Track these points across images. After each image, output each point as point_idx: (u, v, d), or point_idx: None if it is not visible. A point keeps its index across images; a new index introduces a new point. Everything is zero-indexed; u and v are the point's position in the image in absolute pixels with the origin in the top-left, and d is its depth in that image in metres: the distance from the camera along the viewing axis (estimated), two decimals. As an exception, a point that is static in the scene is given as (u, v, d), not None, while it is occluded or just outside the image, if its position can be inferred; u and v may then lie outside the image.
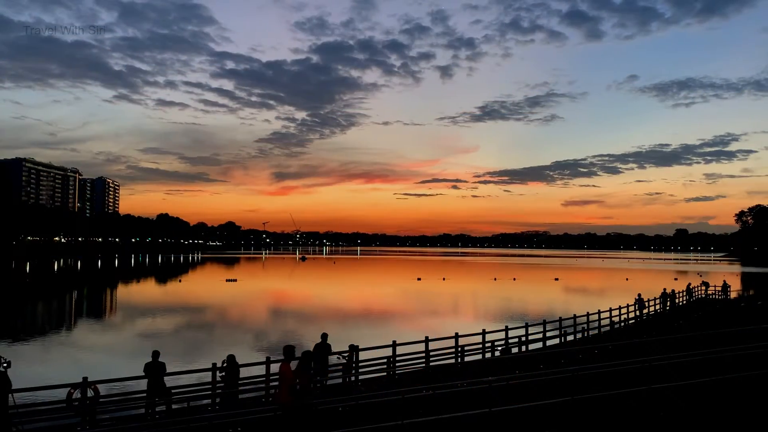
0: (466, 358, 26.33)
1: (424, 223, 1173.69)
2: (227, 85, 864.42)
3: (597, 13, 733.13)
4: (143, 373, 17.79)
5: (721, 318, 38.70)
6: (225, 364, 18.82)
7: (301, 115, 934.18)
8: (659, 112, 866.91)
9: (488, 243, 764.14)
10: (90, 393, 17.27)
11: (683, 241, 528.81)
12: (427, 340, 24.99)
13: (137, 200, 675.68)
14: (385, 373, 23.13)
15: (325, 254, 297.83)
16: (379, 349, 24.00)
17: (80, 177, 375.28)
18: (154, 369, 17.76)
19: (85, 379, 17.28)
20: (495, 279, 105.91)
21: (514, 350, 28.59)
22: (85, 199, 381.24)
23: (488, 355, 27.22)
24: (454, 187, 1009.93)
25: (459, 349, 26.12)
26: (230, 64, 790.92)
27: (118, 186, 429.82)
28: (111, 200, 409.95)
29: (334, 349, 22.12)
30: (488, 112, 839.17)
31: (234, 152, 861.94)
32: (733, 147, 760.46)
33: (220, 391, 18.80)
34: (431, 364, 24.65)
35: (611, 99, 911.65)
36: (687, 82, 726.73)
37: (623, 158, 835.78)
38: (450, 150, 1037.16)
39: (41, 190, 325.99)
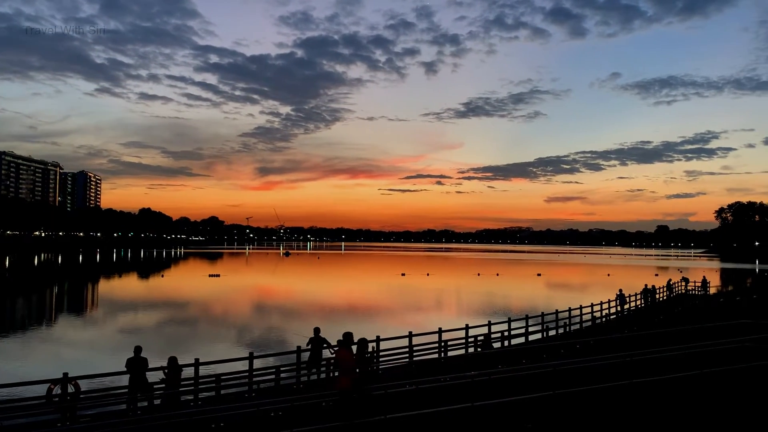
0: (450, 353, 26.44)
1: (408, 219, 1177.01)
2: (211, 79, 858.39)
3: (580, 11, 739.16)
4: (125, 369, 17.65)
5: (700, 313, 39.19)
6: (166, 369, 18.19)
7: (285, 109, 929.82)
8: (641, 109, 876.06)
9: (472, 239, 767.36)
10: (70, 389, 17.10)
11: (664, 237, 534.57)
12: (410, 335, 25.05)
13: (119, 194, 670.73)
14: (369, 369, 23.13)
15: (310, 250, 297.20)
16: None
17: (61, 171, 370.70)
18: (137, 364, 17.62)
19: (65, 374, 17.10)
20: (478, 274, 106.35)
21: (497, 345, 28.74)
22: (66, 193, 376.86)
23: (471, 350, 27.34)
24: (439, 183, 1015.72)
25: (442, 344, 26.22)
26: (214, 58, 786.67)
27: (100, 180, 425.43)
28: (92, 194, 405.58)
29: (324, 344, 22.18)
30: (472, 109, 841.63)
31: (217, 147, 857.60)
32: (713, 144, 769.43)
33: (161, 392, 18.20)
34: (415, 359, 24.72)
35: (594, 96, 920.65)
36: (668, 80, 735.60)
37: (605, 155, 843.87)
38: (434, 146, 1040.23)
39: (21, 184, 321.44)
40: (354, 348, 14.68)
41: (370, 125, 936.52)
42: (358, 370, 14.19)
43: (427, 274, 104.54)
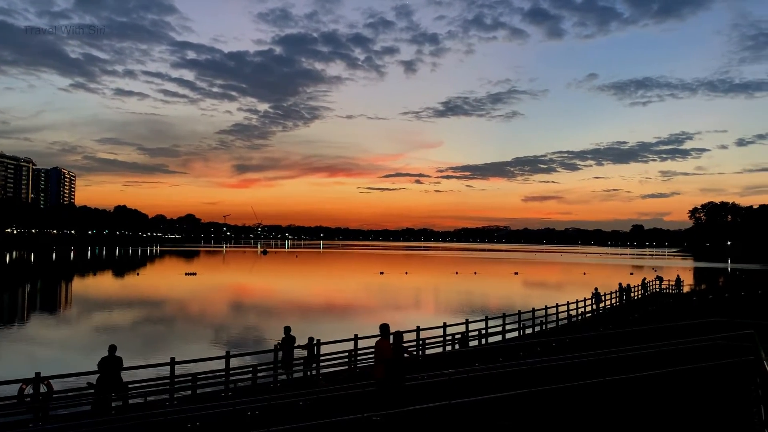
0: (428, 351, 26.52)
1: (387, 218, 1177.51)
2: (188, 75, 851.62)
3: (558, 12, 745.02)
4: (98, 368, 17.37)
5: (674, 311, 39.80)
6: (98, 372, 17.30)
7: (263, 107, 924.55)
8: (617, 110, 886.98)
9: (450, 237, 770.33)
10: (43, 389, 16.83)
11: (639, 236, 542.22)
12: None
13: (94, 192, 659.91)
14: (346, 367, 23.12)
15: (288, 248, 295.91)
16: (340, 342, 23.98)
17: (34, 167, 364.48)
18: (111, 364, 17.35)
19: (37, 374, 16.81)
20: (456, 273, 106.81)
21: (474, 343, 28.90)
22: (39, 190, 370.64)
23: (449, 348, 27.46)
24: (417, 181, 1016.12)
25: (420, 342, 26.28)
26: (191, 54, 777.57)
27: (74, 177, 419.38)
28: (66, 191, 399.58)
29: (297, 342, 22.16)
30: (451, 108, 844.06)
31: (194, 144, 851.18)
32: (687, 145, 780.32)
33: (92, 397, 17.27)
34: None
35: (571, 97, 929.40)
36: (644, 81, 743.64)
37: (582, 155, 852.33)
38: (413, 145, 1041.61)
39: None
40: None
41: (349, 123, 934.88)
42: (393, 361, 14.56)
43: (406, 273, 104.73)
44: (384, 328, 14.76)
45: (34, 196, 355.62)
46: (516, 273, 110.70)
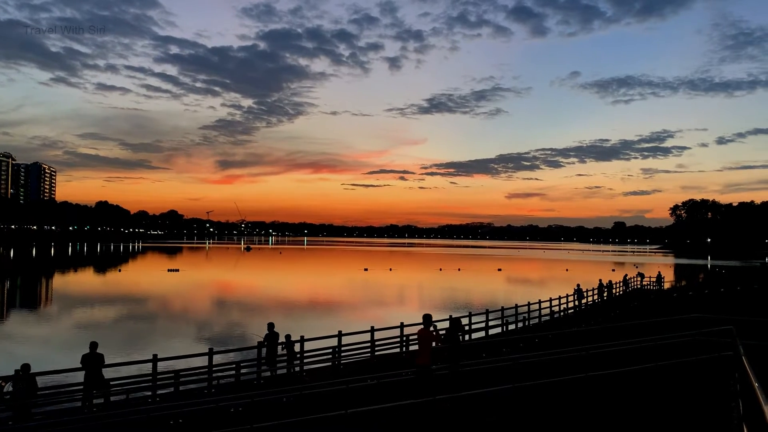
0: (411, 348, 26.58)
1: (371, 214, 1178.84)
2: (171, 70, 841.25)
3: (542, 10, 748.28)
4: (80, 365, 17.23)
5: (655, 308, 40.22)
6: (20, 373, 16.64)
7: (247, 102, 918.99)
8: (600, 108, 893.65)
9: (434, 234, 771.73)
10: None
11: (621, 233, 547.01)
12: (372, 330, 25.10)
13: (75, 187, 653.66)
14: (330, 363, 23.12)
15: (271, 244, 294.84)
16: (324, 339, 23.96)
17: (14, 162, 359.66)
18: (93, 360, 17.22)
19: (17, 371, 16.62)
20: (440, 269, 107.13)
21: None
22: (19, 185, 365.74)
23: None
24: (402, 178, 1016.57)
25: (404, 338, 26.34)
26: (174, 49, 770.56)
27: (55, 172, 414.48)
28: (47, 187, 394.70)
29: (280, 339, 22.13)
30: (435, 105, 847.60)
31: (177, 139, 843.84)
32: (668, 143, 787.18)
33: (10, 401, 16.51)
34: (376, 353, 24.79)
35: (554, 94, 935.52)
36: (626, 79, 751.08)
37: (565, 152, 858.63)
38: (398, 141, 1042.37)
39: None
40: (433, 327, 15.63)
41: (334, 119, 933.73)
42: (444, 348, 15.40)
43: (390, 269, 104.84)
44: (427, 318, 15.17)
45: (14, 192, 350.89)
46: (499, 269, 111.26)
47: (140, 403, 17.16)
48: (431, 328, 15.26)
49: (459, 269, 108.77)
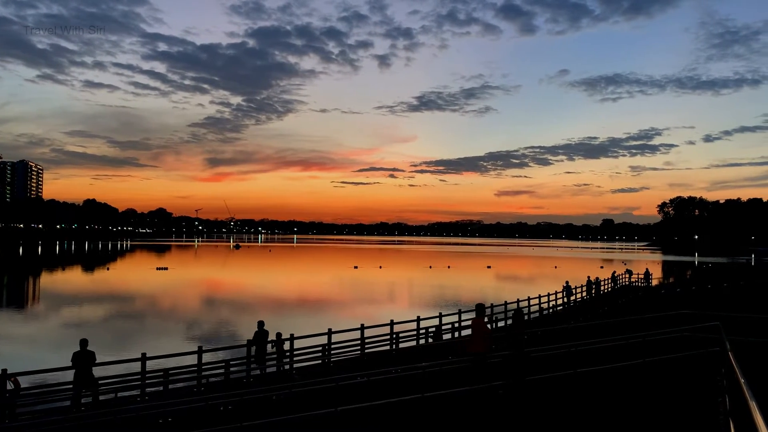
0: (401, 345, 26.62)
1: (361, 212, 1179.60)
2: (159, 67, 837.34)
3: (531, 8, 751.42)
4: (70, 364, 17.07)
5: (643, 304, 40.50)
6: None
7: (236, 100, 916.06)
8: (588, 106, 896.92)
9: (424, 232, 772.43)
10: (9, 386, 16.50)
11: (609, 230, 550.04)
12: (362, 328, 25.10)
13: (62, 185, 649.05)
14: (320, 361, 23.10)
15: (261, 242, 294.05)
16: (314, 337, 23.93)
17: (0, 160, 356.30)
18: (84, 358, 17.04)
19: (4, 371, 16.47)
20: (430, 267, 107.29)
21: (447, 336, 29.07)
22: (5, 183, 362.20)
23: (423, 341, 27.59)
24: (392, 176, 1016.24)
25: (394, 336, 26.37)
26: (163, 46, 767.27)
27: (42, 170, 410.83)
28: (34, 185, 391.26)
29: (269, 338, 22.06)
30: (425, 103, 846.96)
31: (165, 137, 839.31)
32: (656, 141, 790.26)
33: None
34: (366, 351, 24.79)
35: (543, 92, 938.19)
36: (614, 77, 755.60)
37: (553, 150, 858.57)
38: (387, 139, 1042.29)
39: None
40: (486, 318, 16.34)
41: (323, 117, 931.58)
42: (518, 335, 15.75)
43: (380, 267, 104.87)
44: (480, 307, 15.82)
45: (0, 190, 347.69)
46: (489, 267, 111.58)
47: (129, 402, 17.08)
48: (485, 318, 15.98)
49: (449, 267, 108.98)
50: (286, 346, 22.77)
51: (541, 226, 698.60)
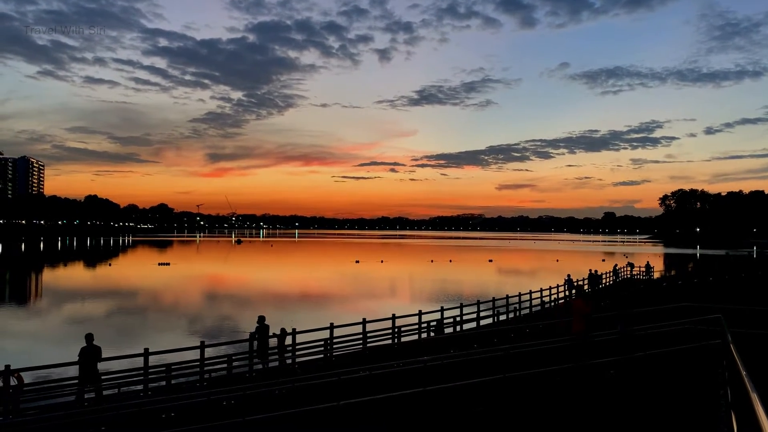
0: (403, 339, 26.66)
1: (362, 206, 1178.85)
2: (160, 63, 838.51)
3: (531, 2, 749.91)
4: (78, 359, 17.03)
5: (644, 297, 40.47)
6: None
7: (236, 95, 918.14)
8: (589, 99, 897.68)
9: (425, 226, 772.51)
10: (13, 381, 16.55)
11: (611, 223, 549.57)
12: (364, 322, 25.14)
13: (64, 181, 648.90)
14: (322, 356, 23.15)
15: (262, 237, 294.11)
16: (316, 331, 23.98)
17: (1, 156, 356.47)
18: (90, 353, 17.02)
19: (7, 367, 16.52)
20: (432, 261, 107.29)
21: (449, 330, 29.12)
22: (7, 180, 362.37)
23: (424, 335, 27.63)
24: (392, 170, 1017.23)
25: (396, 330, 26.40)
26: (163, 42, 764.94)
27: (43, 166, 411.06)
28: (35, 181, 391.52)
29: (270, 332, 22.12)
30: (425, 97, 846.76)
31: (167, 132, 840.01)
32: (657, 134, 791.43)
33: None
34: (368, 345, 24.85)
35: (544, 85, 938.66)
36: (615, 70, 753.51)
37: (554, 143, 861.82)
38: (388, 133, 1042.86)
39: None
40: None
41: (324, 112, 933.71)
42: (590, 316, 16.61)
43: (381, 261, 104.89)
44: (579, 289, 17.28)
45: (2, 186, 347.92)
46: (490, 260, 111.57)
47: (132, 397, 17.14)
48: (587, 300, 16.81)
49: (450, 261, 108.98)
50: (288, 340, 22.82)
51: (542, 220, 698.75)
